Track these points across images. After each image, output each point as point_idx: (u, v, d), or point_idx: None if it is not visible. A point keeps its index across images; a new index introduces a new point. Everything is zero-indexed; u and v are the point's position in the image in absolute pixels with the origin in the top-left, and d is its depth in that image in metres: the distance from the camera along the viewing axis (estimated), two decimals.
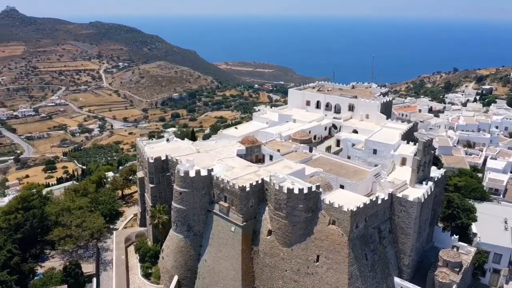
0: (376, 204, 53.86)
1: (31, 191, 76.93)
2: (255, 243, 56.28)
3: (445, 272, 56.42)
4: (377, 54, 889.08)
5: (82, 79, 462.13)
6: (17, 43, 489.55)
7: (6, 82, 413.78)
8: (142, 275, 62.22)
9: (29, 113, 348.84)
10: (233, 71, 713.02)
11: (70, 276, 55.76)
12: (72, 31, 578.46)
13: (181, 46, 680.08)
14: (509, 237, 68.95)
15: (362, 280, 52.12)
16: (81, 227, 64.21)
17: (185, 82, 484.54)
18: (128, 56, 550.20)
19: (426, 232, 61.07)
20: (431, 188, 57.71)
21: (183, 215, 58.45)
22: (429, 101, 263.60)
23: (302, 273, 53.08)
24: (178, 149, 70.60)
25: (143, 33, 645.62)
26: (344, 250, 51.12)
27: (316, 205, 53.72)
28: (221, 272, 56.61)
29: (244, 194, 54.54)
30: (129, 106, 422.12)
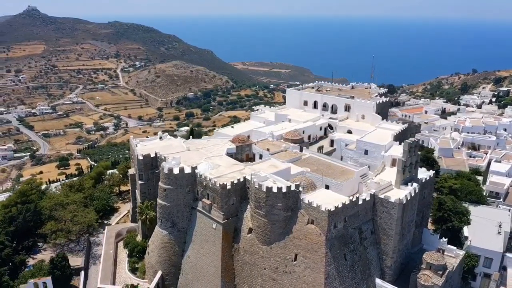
0: (356, 204, 53.74)
1: (30, 186, 79.38)
2: (236, 241, 56.82)
3: (428, 275, 55.78)
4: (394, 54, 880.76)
5: (99, 77, 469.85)
6: (38, 42, 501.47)
7: (26, 80, 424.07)
8: (129, 270, 63.50)
9: (47, 111, 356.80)
10: (249, 71, 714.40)
11: (57, 268, 57.30)
12: (91, 30, 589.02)
13: (198, 46, 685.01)
14: (501, 242, 67.84)
15: (340, 280, 52.07)
16: (72, 221, 65.87)
17: (201, 81, 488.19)
18: (145, 55, 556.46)
19: (411, 234, 60.49)
20: (415, 189, 57.16)
21: (167, 211, 59.43)
22: (444, 102, 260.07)
23: (280, 272, 53.35)
24: (170, 147, 71.72)
25: (161, 32, 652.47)
26: (321, 250, 51.17)
27: (296, 204, 53.92)
28: (203, 268, 57.34)
29: (224, 192, 55.14)
30: (145, 105, 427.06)
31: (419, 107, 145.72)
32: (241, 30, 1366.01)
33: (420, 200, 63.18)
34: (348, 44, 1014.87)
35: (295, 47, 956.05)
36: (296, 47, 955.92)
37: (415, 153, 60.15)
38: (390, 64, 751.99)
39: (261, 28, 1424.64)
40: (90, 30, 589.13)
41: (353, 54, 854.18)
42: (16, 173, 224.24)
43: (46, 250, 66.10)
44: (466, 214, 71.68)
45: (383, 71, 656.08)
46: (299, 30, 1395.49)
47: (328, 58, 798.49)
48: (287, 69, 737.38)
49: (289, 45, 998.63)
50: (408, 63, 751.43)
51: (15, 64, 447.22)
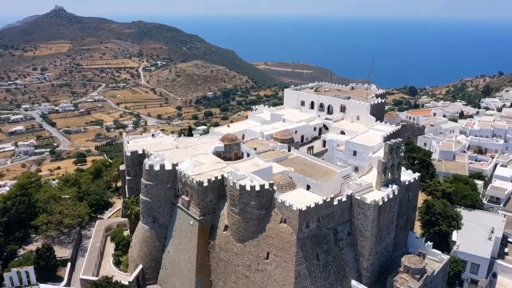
0: (331, 205, 53.59)
1: (29, 180, 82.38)
2: (213, 237, 57.55)
3: (404, 278, 55.10)
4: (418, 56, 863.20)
5: (121, 76, 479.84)
6: (63, 41, 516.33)
7: (51, 78, 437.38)
8: (113, 263, 65.10)
9: (69, 108, 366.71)
10: (271, 71, 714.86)
11: (41, 258, 59.31)
12: (115, 30, 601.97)
13: (220, 46, 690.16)
14: (490, 248, 66.37)
15: (312, 280, 52.05)
16: (62, 214, 68.04)
17: (220, 81, 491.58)
18: (168, 54, 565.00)
19: (391, 236, 59.73)
20: (394, 192, 56.51)
21: (149, 207, 60.72)
22: (463, 105, 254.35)
23: (252, 269, 53.79)
24: (159, 144, 73.09)
25: (183, 32, 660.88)
26: (292, 249, 51.32)
27: (270, 203, 54.22)
28: (180, 263, 58.33)
29: (201, 189, 55.96)
30: (164, 103, 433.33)
31: (427, 110, 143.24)
32: (265, 30, 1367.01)
33: (404, 203, 62.52)
34: (371, 45, 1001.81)
35: (318, 48, 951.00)
36: (319, 48, 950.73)
37: (398, 154, 59.46)
38: (413, 65, 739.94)
39: (284, 29, 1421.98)
40: (114, 30, 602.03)
41: (375, 55, 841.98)
42: (35, 168, 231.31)
43: (37, 241, 68.30)
44: (456, 218, 70.39)
45: (405, 73, 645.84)
46: (323, 30, 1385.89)
47: (350, 59, 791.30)
48: (309, 69, 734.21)
49: (312, 45, 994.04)
50: (433, 65, 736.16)
51: (41, 62, 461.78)
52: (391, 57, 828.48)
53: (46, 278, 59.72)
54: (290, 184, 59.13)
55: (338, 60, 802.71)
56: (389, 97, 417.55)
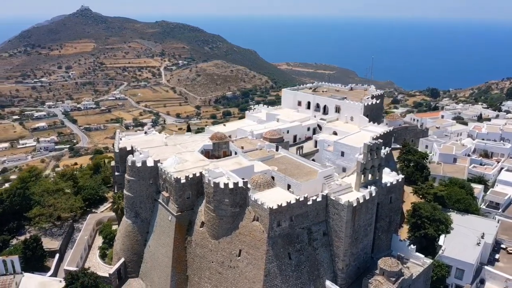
0: (305, 204, 53.72)
1: (30, 174, 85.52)
2: (190, 233, 58.49)
3: (379, 281, 54.72)
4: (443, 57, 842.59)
5: (143, 75, 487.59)
6: (88, 40, 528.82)
7: (75, 76, 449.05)
8: (99, 256, 66.95)
9: (91, 106, 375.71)
10: (293, 71, 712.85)
11: (29, 249, 61.65)
12: (139, 29, 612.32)
13: (242, 45, 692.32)
14: (477, 253, 64.98)
15: (283, 278, 52.30)
16: (53, 206, 70.43)
17: (240, 81, 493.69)
18: (190, 54, 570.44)
19: (370, 238, 59.25)
20: (371, 193, 56.11)
21: (131, 202, 62.22)
22: (484, 108, 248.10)
23: (225, 266, 54.45)
24: (150, 142, 74.59)
25: (206, 32, 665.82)
26: (262, 247, 51.71)
27: (244, 201, 54.80)
28: (159, 258, 59.55)
29: (179, 186, 56.99)
30: (184, 102, 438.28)
31: (435, 112, 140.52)
32: (288, 31, 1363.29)
33: (386, 205, 62.02)
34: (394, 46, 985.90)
35: (341, 49, 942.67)
36: (341, 49, 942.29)
37: (378, 155, 59.02)
38: (438, 67, 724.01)
39: (308, 29, 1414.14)
40: (138, 29, 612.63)
41: (399, 56, 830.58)
42: (54, 164, 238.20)
43: (31, 233, 70.81)
44: (444, 222, 69.29)
45: (429, 75, 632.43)
46: (345, 31, 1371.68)
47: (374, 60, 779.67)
48: (332, 70, 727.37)
49: (335, 46, 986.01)
50: (458, 67, 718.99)
51: (66, 61, 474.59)
52: (415, 58, 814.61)
53: (33, 267, 61.92)
54: (269, 183, 59.45)
55: (361, 61, 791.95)
56: (409, 99, 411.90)
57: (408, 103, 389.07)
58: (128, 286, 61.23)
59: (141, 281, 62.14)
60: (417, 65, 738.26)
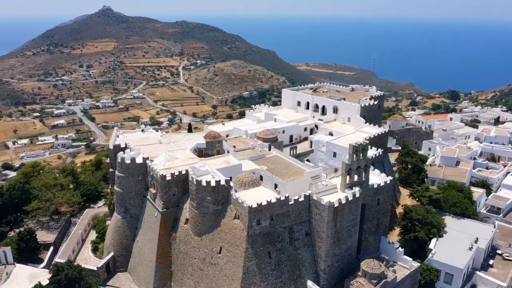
0: (286, 204, 53.94)
1: (33, 169, 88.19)
2: (175, 230, 59.43)
3: (361, 282, 54.43)
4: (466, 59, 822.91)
5: (162, 74, 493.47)
6: (109, 39, 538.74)
7: (95, 75, 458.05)
8: (91, 250, 68.60)
9: (109, 104, 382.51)
10: (312, 72, 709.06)
11: (22, 241, 63.68)
12: (159, 29, 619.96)
13: (260, 46, 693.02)
14: (467, 258, 63.84)
15: (262, 277, 52.64)
16: (50, 201, 72.50)
17: (257, 81, 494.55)
18: (208, 54, 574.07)
19: (354, 239, 58.83)
20: (354, 194, 55.83)
21: (121, 197, 63.62)
22: (503, 111, 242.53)
23: (207, 263, 55.15)
24: (145, 139, 75.98)
25: (225, 32, 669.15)
26: (242, 245, 52.22)
27: (227, 199, 55.39)
28: (145, 253, 60.69)
29: (164, 183, 57.97)
30: (201, 102, 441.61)
31: (443, 114, 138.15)
32: (307, 31, 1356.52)
33: (373, 206, 61.58)
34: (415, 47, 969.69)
35: (361, 49, 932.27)
36: (361, 49, 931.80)
37: (364, 157, 58.67)
38: (459, 68, 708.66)
39: (327, 30, 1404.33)
40: (158, 29, 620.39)
41: (420, 57, 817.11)
42: (70, 160, 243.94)
43: (28, 225, 73.02)
44: (436, 226, 68.27)
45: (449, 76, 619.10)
46: (367, 31, 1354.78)
47: (394, 62, 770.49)
48: (351, 71, 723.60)
49: (355, 47, 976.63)
50: (480, 68, 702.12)
51: (87, 59, 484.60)
52: (437, 59, 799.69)
53: (27, 259, 63.86)
54: (254, 181, 59.89)
55: (381, 62, 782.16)
56: (428, 101, 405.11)
57: (427, 105, 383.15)
58: (116, 279, 62.53)
59: (129, 275, 63.40)
60: (439, 67, 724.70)
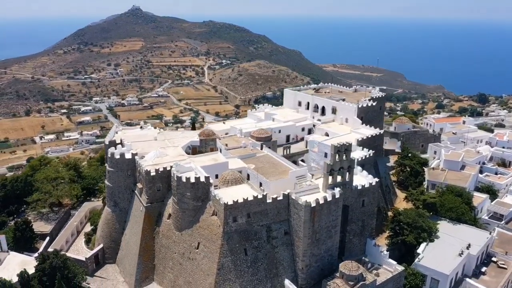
0: (263, 202, 54.34)
1: (40, 162, 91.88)
2: (158, 224, 60.83)
3: (337, 284, 54.09)
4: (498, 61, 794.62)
5: (187, 74, 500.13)
6: (137, 39, 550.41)
7: (122, 73, 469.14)
8: (84, 241, 71.00)
9: (134, 102, 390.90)
10: (339, 73, 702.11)
11: (18, 230, 66.62)
12: (186, 29, 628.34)
13: (286, 46, 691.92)
14: (455, 264, 62.34)
15: (237, 273, 53.24)
16: (48, 193, 75.47)
17: (281, 81, 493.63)
18: (234, 54, 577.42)
19: (335, 240, 58.37)
20: (333, 194, 55.60)
21: (110, 191, 65.65)
22: None
23: (185, 257, 56.27)
24: (142, 136, 77.92)
25: (251, 32, 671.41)
26: (218, 241, 53.01)
27: (207, 195, 56.30)
28: (130, 246, 62.38)
29: (149, 178, 59.47)
30: (224, 101, 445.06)
31: (456, 117, 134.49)
32: (336, 32, 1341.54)
33: (358, 208, 61.22)
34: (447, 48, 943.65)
35: (390, 51, 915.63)
36: (390, 51, 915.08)
37: (347, 157, 58.31)
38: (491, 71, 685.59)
39: (356, 30, 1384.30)
40: (185, 29, 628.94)
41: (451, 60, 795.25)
42: (92, 155, 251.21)
43: (29, 216, 76.27)
44: (427, 230, 66.92)
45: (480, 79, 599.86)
46: (396, 33, 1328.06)
47: (423, 63, 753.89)
48: (379, 73, 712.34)
49: (383, 48, 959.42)
50: None
51: (115, 58, 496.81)
52: (469, 62, 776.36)
53: (23, 248, 66.79)
54: (237, 179, 60.58)
55: (409, 64, 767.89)
56: (455, 104, 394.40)
57: (454, 108, 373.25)
58: (104, 270, 64.48)
59: (117, 267, 65.25)
60: (470, 69, 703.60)
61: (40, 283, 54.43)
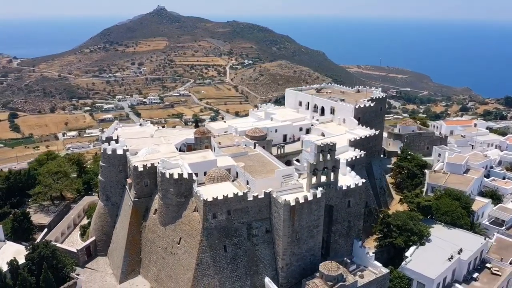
0: (244, 199, 54.88)
1: (47, 156, 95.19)
2: (145, 219, 62.22)
3: (316, 283, 54.21)
4: None
5: (209, 73, 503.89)
6: (161, 38, 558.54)
7: (146, 72, 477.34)
8: (79, 234, 73.22)
9: (155, 100, 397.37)
10: (363, 74, 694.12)
11: (16, 221, 69.29)
12: (210, 29, 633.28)
13: (310, 47, 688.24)
14: (442, 269, 61.30)
15: (216, 269, 53.99)
16: (48, 186, 78.16)
17: (302, 82, 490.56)
18: (257, 54, 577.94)
19: (317, 240, 58.24)
20: (315, 194, 55.57)
21: (103, 186, 67.56)
22: None
23: (168, 252, 57.45)
24: (140, 133, 79.91)
25: (274, 33, 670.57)
26: (197, 237, 53.89)
27: (190, 191, 57.29)
28: (119, 239, 64.02)
29: (136, 173, 60.96)
30: (244, 101, 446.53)
31: (467, 120, 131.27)
32: (362, 33, 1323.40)
33: (343, 209, 60.97)
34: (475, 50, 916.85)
35: (416, 52, 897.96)
36: (416, 52, 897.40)
37: (332, 157, 58.15)
38: None
39: (382, 31, 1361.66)
40: (209, 29, 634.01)
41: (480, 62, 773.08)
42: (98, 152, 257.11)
43: (30, 208, 79.22)
44: (417, 233, 65.92)
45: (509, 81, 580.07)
46: (423, 34, 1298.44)
47: (450, 65, 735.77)
48: (404, 74, 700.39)
49: (408, 49, 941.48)
50: None
51: (139, 57, 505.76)
52: (498, 64, 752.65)
53: (21, 238, 69.33)
54: (223, 177, 61.35)
55: (436, 65, 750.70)
56: (480, 107, 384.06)
57: (478, 111, 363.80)
58: (95, 262, 66.38)
59: (107, 260, 67.05)
60: (500, 72, 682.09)
61: (29, 272, 56.51)
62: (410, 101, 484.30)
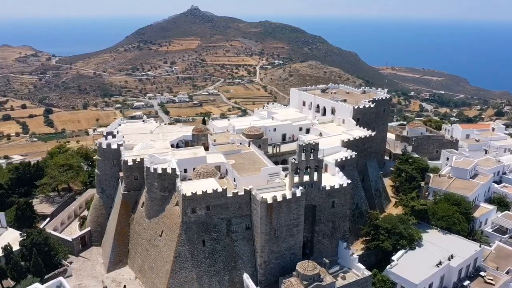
0: (224, 196, 55.82)
1: (59, 150, 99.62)
2: (134, 211, 64.29)
3: (292, 282, 54.45)
4: None
5: (239, 73, 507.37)
6: (194, 38, 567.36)
7: (177, 71, 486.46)
8: (78, 224, 76.35)
9: (185, 99, 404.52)
10: (396, 76, 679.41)
11: (19, 209, 73.09)
12: (242, 29, 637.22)
13: (342, 47, 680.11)
14: (428, 274, 60.04)
15: (194, 263, 55.26)
16: (53, 178, 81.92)
17: (332, 83, 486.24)
18: (288, 54, 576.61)
19: (298, 239, 58.40)
20: (294, 193, 55.76)
21: (99, 178, 70.28)
22: None
23: (151, 244, 59.24)
24: (140, 129, 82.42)
25: (307, 33, 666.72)
26: (176, 231, 55.30)
27: (174, 186, 58.78)
28: (110, 230, 66.42)
29: (126, 167, 63.12)
30: (272, 101, 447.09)
31: (485, 124, 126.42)
32: (398, 34, 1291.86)
33: (326, 209, 60.83)
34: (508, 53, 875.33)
35: (454, 54, 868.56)
36: (453, 54, 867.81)
37: (314, 157, 58.12)
38: None
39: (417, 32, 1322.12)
40: (241, 29, 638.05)
41: None
42: None
43: (37, 198, 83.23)
44: (406, 237, 64.76)
45: None
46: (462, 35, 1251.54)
47: (489, 68, 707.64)
48: (440, 77, 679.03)
49: (446, 51, 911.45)
50: None
51: (172, 56, 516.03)
52: None
53: (23, 226, 72.64)
54: (209, 173, 62.52)
55: (475, 68, 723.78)
56: None
57: None
58: (89, 251, 69.11)
59: (101, 250, 69.66)
60: None
61: (22, 257, 59.72)
62: (443, 104, 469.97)
